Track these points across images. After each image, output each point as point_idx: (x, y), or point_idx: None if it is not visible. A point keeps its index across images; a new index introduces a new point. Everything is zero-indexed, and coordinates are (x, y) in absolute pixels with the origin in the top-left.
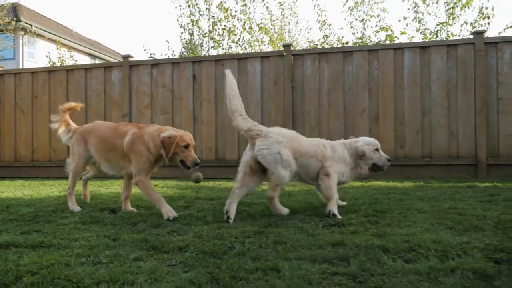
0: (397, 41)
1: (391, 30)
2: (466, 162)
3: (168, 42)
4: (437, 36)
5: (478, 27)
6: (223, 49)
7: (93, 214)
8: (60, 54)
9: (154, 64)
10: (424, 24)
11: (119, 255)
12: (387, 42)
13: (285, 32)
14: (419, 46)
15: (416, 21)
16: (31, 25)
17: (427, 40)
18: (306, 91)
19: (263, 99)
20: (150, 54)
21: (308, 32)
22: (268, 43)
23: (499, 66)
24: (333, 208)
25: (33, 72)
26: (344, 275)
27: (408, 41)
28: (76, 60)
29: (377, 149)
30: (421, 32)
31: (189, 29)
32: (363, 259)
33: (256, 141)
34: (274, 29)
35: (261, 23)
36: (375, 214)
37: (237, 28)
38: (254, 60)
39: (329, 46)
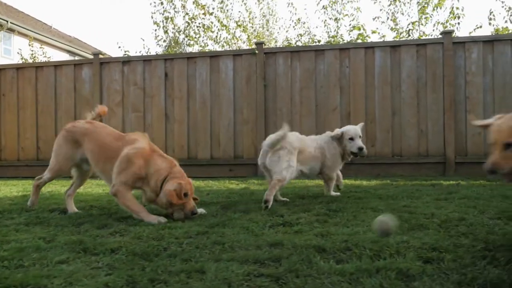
0: (368, 40)
1: (364, 29)
2: (435, 160)
3: (143, 40)
4: (409, 36)
5: (450, 27)
6: (200, 46)
7: (41, 214)
8: (32, 50)
9: (126, 61)
10: (398, 23)
11: (45, 258)
12: (359, 41)
13: (265, 31)
14: (390, 46)
15: (390, 19)
16: (7, 21)
17: (398, 39)
18: (278, 89)
19: (235, 97)
20: (125, 51)
21: (287, 31)
22: (246, 42)
23: (467, 65)
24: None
25: (1, 69)
26: (268, 277)
27: (379, 40)
28: (49, 57)
29: (351, 138)
30: (393, 30)
31: (164, 26)
32: (295, 260)
33: None
34: (252, 27)
35: (239, 21)
36: (327, 213)
37: (214, 25)
38: (226, 58)
39: (302, 45)
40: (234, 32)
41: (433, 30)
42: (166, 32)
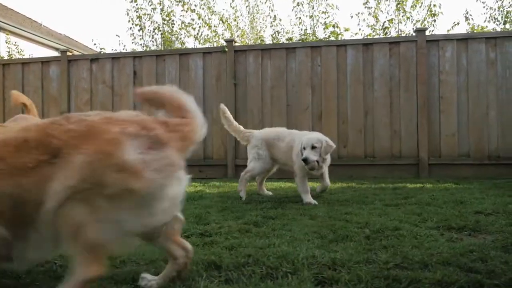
0: (341, 38)
1: (337, 27)
2: (408, 162)
3: (118, 36)
4: (386, 34)
5: (427, 25)
6: (183, 43)
7: None
8: (9, 48)
9: (94, 59)
10: (379, 21)
11: None
12: (332, 38)
13: (250, 29)
14: (362, 43)
15: (372, 15)
16: None
17: (370, 37)
18: (249, 88)
19: (205, 96)
20: (100, 49)
21: (264, 30)
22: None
23: (440, 64)
24: None
25: None
26: None
27: (351, 38)
28: (30, 54)
29: (304, 147)
30: (370, 27)
31: (139, 23)
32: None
33: None
34: (237, 25)
35: (222, 17)
36: (257, 221)
37: (195, 22)
38: (196, 56)
39: (271, 42)
40: (215, 29)
41: (413, 28)
42: (142, 29)
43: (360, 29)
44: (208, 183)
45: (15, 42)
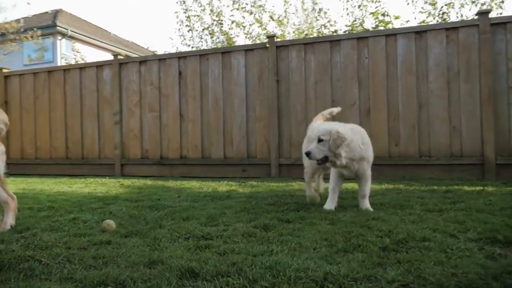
0: (390, 27)
1: (387, 15)
2: (471, 162)
3: (171, 39)
4: (444, 20)
5: (495, 8)
6: (233, 42)
7: None
8: (75, 55)
9: (142, 61)
10: (436, 8)
11: None
12: (381, 28)
13: (303, 24)
14: (414, 31)
15: (429, 3)
16: (67, 29)
17: (424, 24)
18: (291, 84)
19: (247, 94)
20: (153, 51)
21: (317, 20)
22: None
23: (509, 49)
24: None
25: (35, 72)
26: None
27: (402, 26)
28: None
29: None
30: (423, 13)
31: (189, 25)
32: (144, 286)
33: None
34: (288, 21)
35: (273, 13)
36: (267, 225)
37: (246, 20)
38: (238, 54)
39: (317, 36)
40: (265, 26)
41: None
42: (191, 30)
43: (415, 18)
44: (245, 182)
45: (78, 49)
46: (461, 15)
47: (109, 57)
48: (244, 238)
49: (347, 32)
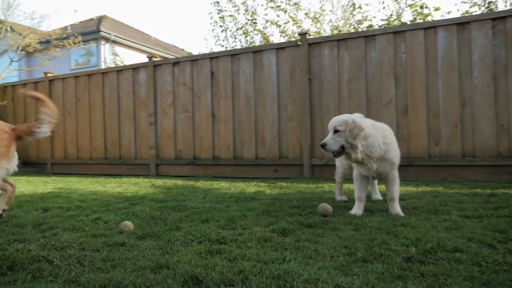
0: (430, 19)
1: (426, 7)
2: None
3: (206, 39)
4: (490, 10)
5: None
6: (268, 41)
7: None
8: (115, 58)
9: (175, 62)
10: None
11: None
12: (420, 21)
13: (340, 21)
14: (456, 23)
15: None
16: (110, 34)
17: (467, 14)
18: (324, 82)
19: (279, 93)
20: (189, 53)
21: (353, 16)
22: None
23: None
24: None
25: (76, 76)
26: None
27: (442, 18)
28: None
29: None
30: (469, 3)
31: (223, 25)
32: None
33: None
34: (323, 17)
35: (309, 11)
36: (290, 228)
37: (281, 18)
38: (269, 53)
39: (348, 31)
40: (300, 24)
41: None
42: (224, 30)
43: (458, 10)
44: (275, 183)
45: (117, 53)
46: (510, 4)
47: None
48: (259, 243)
49: (383, 27)
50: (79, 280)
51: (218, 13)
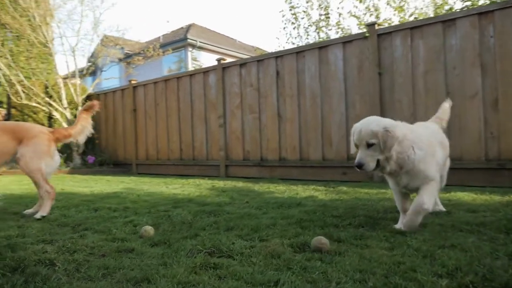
0: None
1: None
2: None
3: (278, 38)
4: None
5: None
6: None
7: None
8: (194, 63)
9: (242, 64)
10: None
11: None
12: None
13: (423, 8)
14: None
15: None
16: (196, 41)
17: None
18: (396, 76)
19: (346, 90)
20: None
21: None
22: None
23: None
24: None
25: (155, 82)
26: None
27: None
28: None
29: (369, 145)
30: None
31: (294, 22)
32: None
33: None
34: (407, 6)
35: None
36: (310, 244)
37: (359, 9)
38: (335, 47)
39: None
40: (378, 14)
41: None
42: (296, 28)
43: None
44: (336, 187)
45: (196, 58)
46: None
47: None
48: (265, 259)
49: (465, 9)
50: None
51: (290, 9)
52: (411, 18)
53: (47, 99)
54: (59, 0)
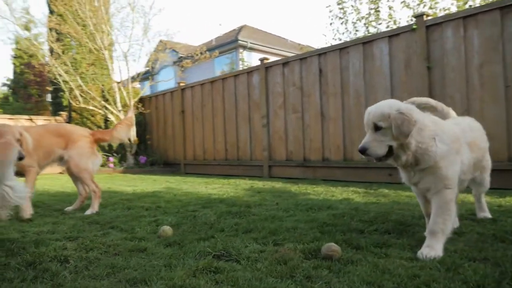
0: None
1: None
2: None
3: (325, 35)
4: None
5: None
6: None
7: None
8: (241, 64)
9: (285, 63)
10: None
11: None
12: None
13: None
14: None
15: None
16: (247, 42)
17: None
18: (447, 70)
19: (392, 86)
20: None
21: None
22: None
23: None
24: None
25: (202, 84)
26: None
27: None
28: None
29: (376, 127)
30: None
31: (342, 17)
32: None
33: None
34: None
35: None
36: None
37: (413, 0)
38: (380, 42)
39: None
40: (434, 4)
41: None
42: (344, 23)
43: None
44: (377, 189)
45: (244, 58)
46: None
47: None
48: (271, 265)
49: None
50: (64, 286)
51: (339, 4)
52: (467, 7)
53: (103, 102)
54: (113, 8)
